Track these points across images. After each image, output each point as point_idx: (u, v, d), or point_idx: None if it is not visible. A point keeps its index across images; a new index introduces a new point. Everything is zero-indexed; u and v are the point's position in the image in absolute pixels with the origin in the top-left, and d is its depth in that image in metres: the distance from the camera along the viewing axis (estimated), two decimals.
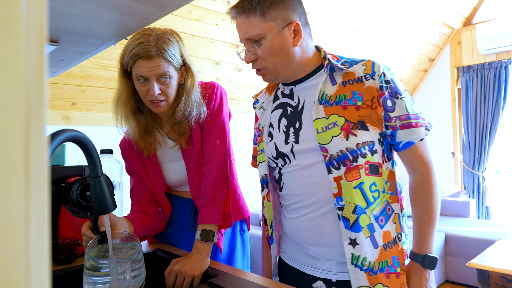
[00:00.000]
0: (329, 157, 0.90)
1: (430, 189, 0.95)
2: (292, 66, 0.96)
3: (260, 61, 0.95)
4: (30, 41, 0.23)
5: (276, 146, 1.01)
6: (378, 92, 0.92)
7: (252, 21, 0.91)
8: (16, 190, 0.21)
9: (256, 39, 0.92)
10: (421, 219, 0.95)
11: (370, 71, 0.94)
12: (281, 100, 1.05)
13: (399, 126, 0.93)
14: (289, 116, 1.00)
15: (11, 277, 0.21)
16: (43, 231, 0.23)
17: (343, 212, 0.89)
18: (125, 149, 1.24)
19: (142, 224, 1.15)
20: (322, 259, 0.95)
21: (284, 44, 0.93)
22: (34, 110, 0.23)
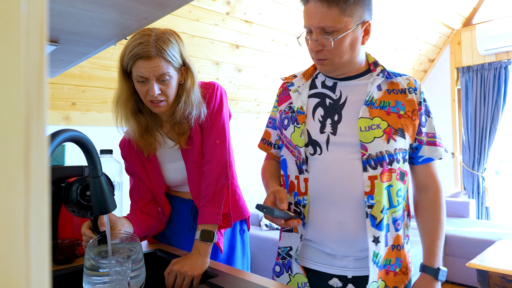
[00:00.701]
0: (367, 156, 0.94)
1: (442, 206, 1.03)
2: (353, 63, 1.00)
3: (326, 52, 0.95)
4: (30, 41, 0.23)
5: (309, 133, 1.00)
6: (417, 106, 1.01)
7: (332, 12, 0.90)
8: (16, 190, 0.21)
9: (330, 31, 0.92)
10: (433, 233, 1.02)
11: (413, 86, 1.03)
12: (319, 90, 1.05)
13: (425, 142, 1.01)
14: (327, 107, 1.01)
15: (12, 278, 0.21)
16: (43, 232, 0.23)
17: (372, 211, 0.94)
18: (125, 149, 1.24)
19: (141, 224, 1.15)
20: (339, 255, 0.97)
21: (355, 42, 0.96)
22: (34, 110, 0.23)
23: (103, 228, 0.95)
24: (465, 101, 4.26)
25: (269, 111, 3.41)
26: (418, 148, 1.02)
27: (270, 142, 1.18)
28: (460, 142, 4.41)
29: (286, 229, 1.06)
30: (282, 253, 1.06)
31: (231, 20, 2.54)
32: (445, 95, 4.50)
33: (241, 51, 2.78)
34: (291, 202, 1.04)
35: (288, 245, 1.05)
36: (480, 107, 4.14)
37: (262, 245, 2.83)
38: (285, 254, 1.05)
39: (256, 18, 2.64)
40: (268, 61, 3.00)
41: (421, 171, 1.04)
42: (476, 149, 4.16)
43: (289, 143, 1.04)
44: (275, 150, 1.17)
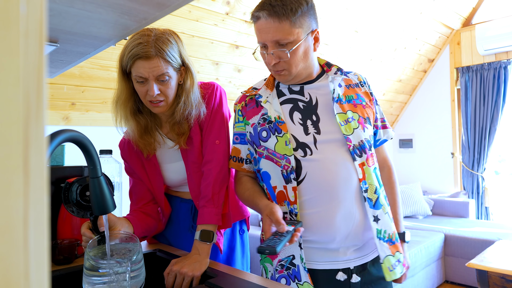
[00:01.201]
0: (352, 146, 1.03)
1: (396, 180, 1.24)
2: (309, 69, 1.08)
3: (283, 63, 1.02)
4: (29, 42, 0.23)
5: (295, 137, 1.04)
6: (370, 96, 1.15)
7: (284, 26, 0.97)
8: (15, 190, 0.21)
9: (284, 43, 0.99)
10: (394, 204, 1.20)
11: (362, 80, 1.15)
12: (288, 96, 1.10)
13: (380, 126, 1.18)
14: (302, 110, 1.07)
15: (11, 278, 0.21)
16: (43, 232, 0.23)
17: (368, 194, 1.03)
18: (124, 149, 1.24)
19: (141, 224, 1.15)
20: (342, 249, 1.02)
21: (308, 50, 1.03)
22: (34, 110, 0.23)
23: (103, 229, 0.95)
24: (464, 101, 4.27)
25: None
26: (375, 133, 1.16)
27: (241, 158, 1.14)
28: (459, 142, 4.41)
29: None
30: (285, 263, 1.04)
31: (230, 20, 2.54)
32: (445, 95, 4.50)
33: (240, 51, 2.78)
34: (286, 212, 1.04)
35: (290, 254, 1.04)
36: (479, 107, 4.15)
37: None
38: (288, 264, 1.04)
39: None
40: None
41: (378, 153, 1.19)
42: (476, 149, 4.16)
43: (273, 154, 1.05)
44: (247, 165, 1.14)
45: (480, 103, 4.14)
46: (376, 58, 3.81)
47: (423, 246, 3.05)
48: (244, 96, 1.16)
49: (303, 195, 1.01)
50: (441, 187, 4.51)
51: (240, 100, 1.16)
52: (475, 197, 4.17)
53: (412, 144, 4.76)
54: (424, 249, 3.05)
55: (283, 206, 1.04)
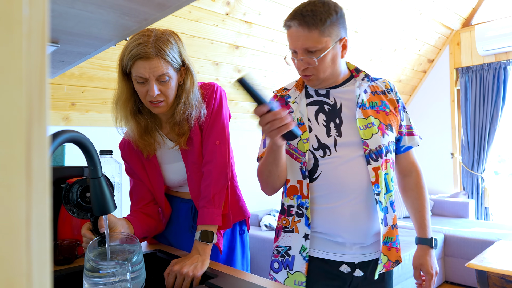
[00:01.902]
0: (369, 150, 1.08)
1: (425, 185, 1.24)
2: (336, 74, 1.13)
3: (311, 69, 1.07)
4: (32, 43, 0.23)
5: (318, 138, 1.10)
6: (396, 104, 1.18)
7: (313, 35, 1.02)
8: (17, 191, 0.21)
9: (313, 51, 1.04)
10: (422, 210, 1.20)
11: (389, 87, 1.19)
12: (315, 98, 1.15)
13: (405, 133, 1.20)
14: (327, 113, 1.13)
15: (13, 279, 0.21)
16: (45, 233, 0.23)
17: (379, 197, 1.08)
18: (124, 150, 1.24)
19: (141, 225, 1.15)
20: (348, 244, 1.08)
21: (335, 57, 1.08)
22: (36, 111, 0.23)
23: (103, 230, 0.95)
24: (464, 102, 4.27)
25: None
26: (400, 139, 1.19)
27: None
28: (459, 142, 4.41)
29: (286, 230, 1.13)
30: (281, 251, 1.13)
31: (230, 20, 2.54)
32: (445, 96, 4.50)
33: (240, 52, 2.78)
34: (293, 205, 1.12)
35: (287, 244, 1.12)
36: (479, 108, 4.15)
37: (262, 246, 2.83)
38: (284, 252, 1.12)
39: (255, 18, 2.64)
40: (268, 61, 3.00)
41: (404, 159, 1.22)
42: (476, 150, 4.17)
43: (295, 150, 1.11)
44: None
45: (480, 103, 4.14)
46: (375, 59, 3.81)
47: None
48: (275, 96, 1.21)
49: (315, 192, 1.09)
50: (440, 188, 4.51)
51: (274, 97, 1.21)
52: (474, 197, 4.18)
53: None
54: None
55: (291, 200, 1.12)
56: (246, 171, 3.29)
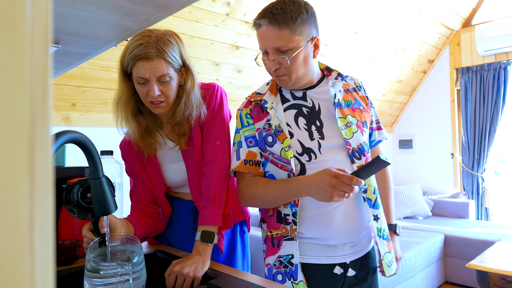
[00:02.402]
0: (352, 149, 1.08)
1: (389, 175, 1.33)
2: (309, 75, 1.11)
3: (283, 69, 1.05)
4: (35, 44, 0.23)
5: (301, 143, 1.07)
6: (367, 100, 1.20)
7: (284, 34, 1.00)
8: (21, 192, 0.21)
9: (284, 50, 1.02)
10: (388, 198, 1.30)
11: (358, 84, 1.20)
12: (292, 102, 1.13)
13: (375, 128, 1.24)
14: (307, 116, 1.10)
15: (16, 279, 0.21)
16: (48, 234, 0.23)
17: (367, 194, 1.10)
18: (125, 150, 1.24)
19: (142, 225, 1.15)
20: (339, 245, 1.07)
21: (307, 56, 1.06)
22: (39, 112, 0.23)
23: (104, 230, 0.95)
24: (464, 102, 4.27)
25: None
26: (371, 134, 1.23)
27: (257, 161, 1.12)
28: (459, 143, 4.41)
29: (287, 238, 1.08)
30: (284, 261, 1.08)
31: (231, 21, 2.54)
32: (445, 96, 4.50)
33: (241, 52, 2.78)
34: (289, 213, 1.07)
35: (289, 253, 1.07)
36: (479, 108, 4.15)
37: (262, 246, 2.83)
38: (286, 262, 1.08)
39: None
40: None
41: (373, 153, 1.28)
42: (476, 150, 4.17)
43: (279, 159, 1.07)
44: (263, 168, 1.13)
45: (480, 103, 4.14)
46: (376, 59, 3.81)
47: (423, 246, 3.05)
48: (249, 102, 1.16)
49: (305, 198, 1.05)
50: (441, 188, 4.51)
51: (246, 105, 1.16)
52: (475, 197, 4.18)
53: (412, 145, 4.76)
54: (424, 249, 3.05)
55: (286, 209, 1.08)
56: None
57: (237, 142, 1.14)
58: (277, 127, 1.08)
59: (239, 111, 1.17)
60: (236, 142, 1.15)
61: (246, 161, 1.11)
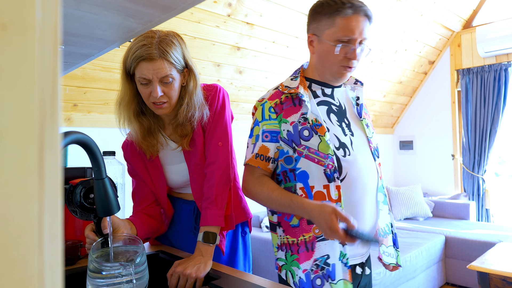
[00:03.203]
0: (373, 148, 1.14)
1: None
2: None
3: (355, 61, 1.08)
4: (44, 46, 0.23)
5: (337, 137, 1.08)
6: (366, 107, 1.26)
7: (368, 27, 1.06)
8: (30, 193, 0.22)
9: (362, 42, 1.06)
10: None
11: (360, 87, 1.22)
12: (322, 98, 1.14)
13: None
14: (336, 113, 1.13)
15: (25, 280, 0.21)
16: (57, 234, 0.23)
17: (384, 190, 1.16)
18: (127, 151, 1.24)
19: (144, 226, 1.15)
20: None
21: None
22: (48, 113, 0.23)
23: (106, 231, 0.95)
24: (465, 103, 4.27)
25: None
26: None
27: (268, 157, 1.09)
28: (460, 144, 4.41)
29: (321, 238, 1.05)
30: (320, 263, 1.04)
31: (232, 22, 2.55)
32: (445, 97, 4.50)
33: (242, 53, 2.78)
34: None
35: (325, 253, 1.04)
36: (480, 109, 4.15)
37: (263, 247, 2.83)
38: (323, 264, 1.04)
39: (257, 20, 2.64)
40: (269, 62, 3.00)
41: None
42: (476, 151, 4.16)
43: (316, 153, 1.05)
44: (272, 164, 1.11)
45: (481, 105, 4.14)
46: (376, 60, 3.81)
47: (423, 248, 3.05)
48: (280, 93, 1.11)
49: (342, 194, 1.04)
50: (441, 189, 4.51)
51: (273, 97, 1.11)
52: (475, 199, 4.17)
53: (412, 146, 4.76)
54: (424, 251, 3.04)
55: None
56: None
57: (255, 135, 1.11)
58: (314, 121, 1.06)
59: (261, 102, 1.12)
60: (255, 135, 1.12)
61: (258, 155, 1.09)
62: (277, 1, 2.61)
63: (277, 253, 1.12)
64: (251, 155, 1.10)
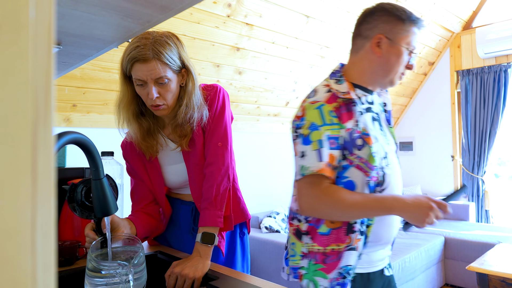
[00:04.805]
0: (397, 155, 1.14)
1: None
2: None
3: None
4: (38, 46, 0.23)
5: (383, 147, 1.06)
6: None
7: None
8: (23, 193, 0.22)
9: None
10: None
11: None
12: (367, 105, 1.10)
13: None
14: (378, 121, 1.11)
15: (18, 280, 0.21)
16: (50, 234, 0.23)
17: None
18: (126, 150, 1.24)
19: (144, 225, 1.15)
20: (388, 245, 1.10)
21: None
22: (42, 114, 0.23)
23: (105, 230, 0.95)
24: (465, 104, 4.27)
25: (269, 114, 3.41)
26: None
27: (334, 166, 1.00)
28: (459, 145, 4.41)
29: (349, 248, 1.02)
30: (343, 272, 1.02)
31: (232, 22, 2.55)
32: (445, 98, 4.50)
33: (241, 54, 2.78)
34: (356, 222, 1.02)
35: (350, 263, 1.02)
36: (480, 110, 4.15)
37: (262, 247, 2.83)
38: (345, 273, 1.02)
39: (257, 20, 2.64)
40: (269, 63, 3.00)
41: None
42: (476, 152, 4.16)
43: (365, 164, 0.99)
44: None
45: (480, 106, 4.14)
46: None
47: (423, 249, 3.05)
48: (335, 97, 1.02)
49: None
50: (441, 190, 4.51)
51: (331, 100, 1.01)
52: (475, 200, 4.17)
53: (412, 147, 4.76)
54: (424, 252, 3.04)
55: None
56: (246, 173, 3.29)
57: (316, 140, 0.98)
58: (363, 130, 1.01)
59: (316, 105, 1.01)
60: (315, 140, 0.98)
61: (330, 164, 0.98)
62: (277, 2, 2.61)
63: (300, 261, 1.07)
64: (322, 164, 0.97)
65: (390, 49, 1.03)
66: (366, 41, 1.06)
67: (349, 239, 1.01)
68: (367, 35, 1.06)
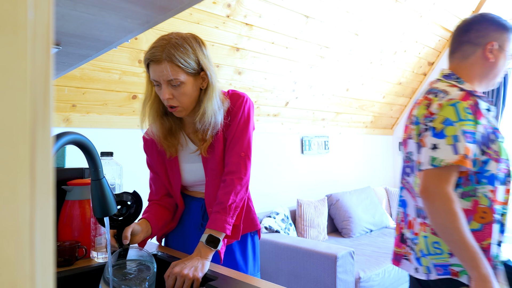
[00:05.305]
0: None
1: None
2: None
3: None
4: (36, 47, 0.23)
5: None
6: None
7: None
8: (21, 194, 0.22)
9: None
10: None
11: None
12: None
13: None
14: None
15: (17, 281, 0.21)
16: (48, 235, 0.23)
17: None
18: (147, 143, 1.26)
19: (158, 222, 1.19)
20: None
21: None
22: (40, 114, 0.23)
23: (126, 241, 1.01)
24: None
25: (269, 114, 3.41)
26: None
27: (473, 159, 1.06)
28: None
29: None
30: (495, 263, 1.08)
31: (231, 22, 2.55)
32: None
33: (241, 54, 2.78)
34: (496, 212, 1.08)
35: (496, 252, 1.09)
36: None
37: (262, 248, 2.83)
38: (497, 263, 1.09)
39: (256, 21, 2.64)
40: (268, 63, 3.00)
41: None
42: None
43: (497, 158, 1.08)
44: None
45: None
46: (376, 61, 3.82)
47: None
48: (470, 95, 1.09)
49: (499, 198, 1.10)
50: None
51: (465, 97, 1.08)
52: None
53: None
54: None
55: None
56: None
57: (451, 135, 1.03)
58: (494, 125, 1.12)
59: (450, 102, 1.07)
60: (450, 135, 1.04)
61: (467, 156, 1.02)
62: (276, 2, 2.61)
63: (450, 259, 1.08)
64: (457, 156, 1.02)
65: (500, 54, 1.16)
66: (477, 48, 1.17)
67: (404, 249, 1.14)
68: (479, 42, 1.17)
